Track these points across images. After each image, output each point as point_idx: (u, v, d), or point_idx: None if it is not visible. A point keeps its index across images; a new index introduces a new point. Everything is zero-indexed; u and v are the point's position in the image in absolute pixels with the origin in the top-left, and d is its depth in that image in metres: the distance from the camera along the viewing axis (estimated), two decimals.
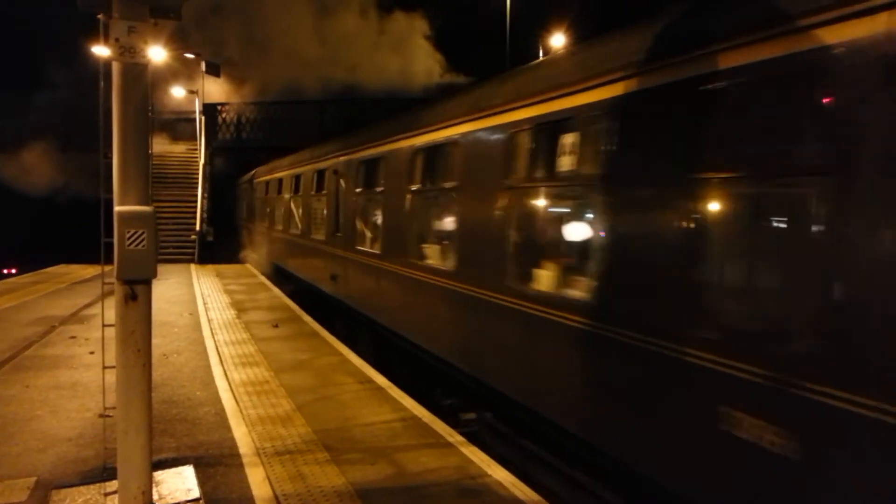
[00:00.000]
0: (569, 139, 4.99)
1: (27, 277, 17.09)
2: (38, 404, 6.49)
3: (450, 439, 5.71)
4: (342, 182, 10.80)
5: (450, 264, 6.79)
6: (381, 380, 7.56)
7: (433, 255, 7.53)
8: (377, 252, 9.02)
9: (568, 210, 5.55)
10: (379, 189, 9.07)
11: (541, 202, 5.74)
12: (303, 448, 5.47)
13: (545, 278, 5.35)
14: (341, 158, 11.00)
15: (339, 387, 7.28)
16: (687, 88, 3.77)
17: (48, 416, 6.17)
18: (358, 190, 10.06)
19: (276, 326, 10.73)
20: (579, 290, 4.75)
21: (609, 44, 4.83)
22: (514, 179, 5.62)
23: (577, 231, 5.18)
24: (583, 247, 4.91)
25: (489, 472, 5.02)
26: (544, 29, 25.78)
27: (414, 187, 7.80)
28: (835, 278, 2.98)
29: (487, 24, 29.33)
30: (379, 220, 9.14)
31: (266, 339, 9.70)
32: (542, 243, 5.69)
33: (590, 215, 4.80)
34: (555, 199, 5.61)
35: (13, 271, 22.78)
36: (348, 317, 10.61)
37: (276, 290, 15.19)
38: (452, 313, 6.76)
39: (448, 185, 7.00)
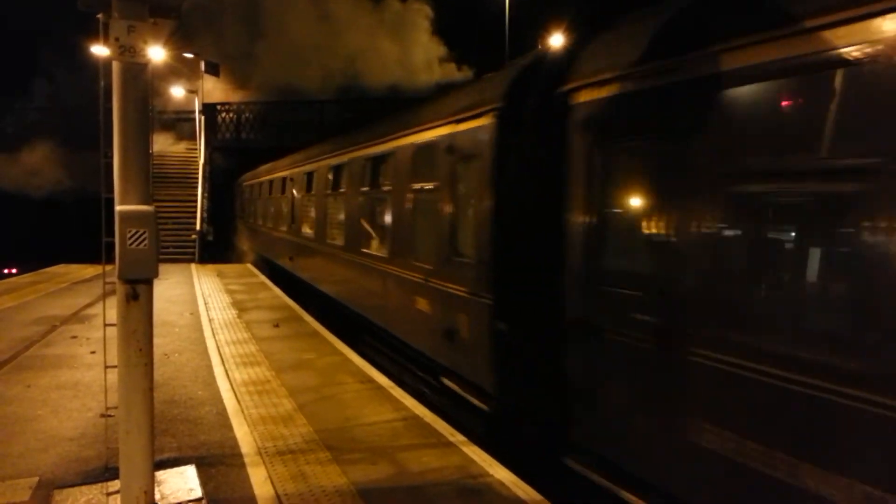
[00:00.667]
0: (380, 167, 9.14)
1: (27, 277, 17.07)
2: (39, 404, 6.49)
3: (451, 439, 5.71)
4: (295, 188, 15.18)
5: (341, 241, 10.82)
6: (382, 380, 7.56)
7: (337, 236, 11.32)
8: (312, 235, 13.27)
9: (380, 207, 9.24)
10: (312, 193, 13.36)
11: (374, 203, 9.52)
12: (304, 448, 5.47)
13: (372, 245, 9.41)
14: (295, 170, 15.27)
15: (340, 386, 7.29)
16: (409, 148, 7.81)
17: (50, 415, 6.17)
18: (302, 194, 14.41)
19: (277, 326, 10.73)
20: (381, 251, 8.86)
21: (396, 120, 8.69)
22: (363, 188, 9.70)
23: (382, 219, 8.96)
24: (383, 228, 8.92)
25: (491, 471, 5.02)
26: (544, 22, 25.76)
27: (327, 192, 11.96)
28: (447, 233, 6.61)
29: (488, 15, 29.28)
30: (312, 214, 13.35)
31: (267, 339, 9.70)
32: (370, 226, 9.61)
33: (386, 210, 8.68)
34: (376, 200, 9.42)
35: (13, 271, 22.76)
36: (300, 285, 14.55)
37: (277, 290, 15.18)
38: (343, 271, 10.87)
39: (342, 190, 11.03)
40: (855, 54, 2.94)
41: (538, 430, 5.26)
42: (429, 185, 7.14)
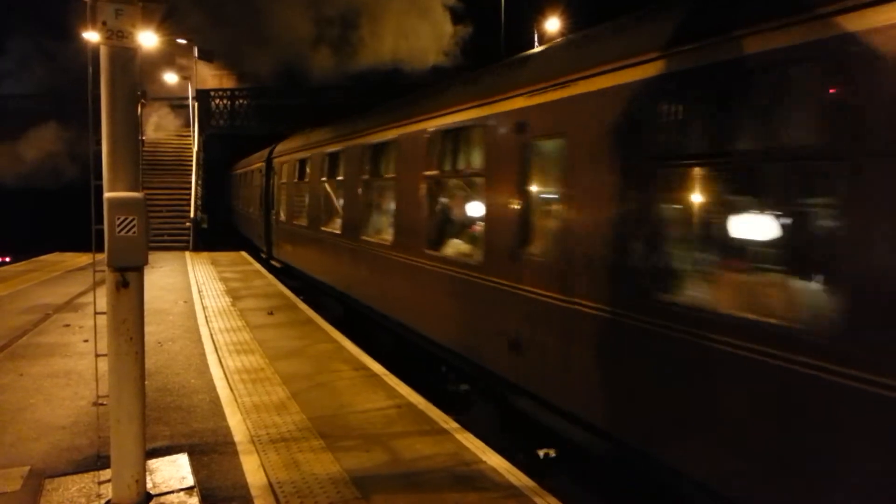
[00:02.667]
0: (247, 176, 23.61)
1: (21, 266, 17.00)
2: (31, 393, 6.47)
3: (444, 426, 5.72)
4: (243, 179, 24.45)
5: (247, 208, 23.03)
6: (376, 367, 7.56)
7: (246, 206, 23.27)
8: (241, 206, 25.25)
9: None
10: (238, 186, 26.17)
11: (250, 191, 22.46)
12: (297, 435, 5.47)
13: (251, 210, 22.90)
14: (244, 169, 24.25)
15: (334, 374, 7.28)
16: (257, 169, 20.81)
17: (42, 404, 6.15)
18: (236, 186, 26.94)
19: (271, 314, 10.71)
20: (252, 211, 21.78)
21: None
22: (248, 185, 22.98)
23: (251, 197, 22.43)
24: (250, 201, 22.54)
25: (484, 458, 5.02)
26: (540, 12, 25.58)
27: (242, 186, 24.95)
28: (261, 202, 19.33)
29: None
30: (240, 196, 25.51)
31: (261, 327, 9.69)
32: (250, 201, 22.71)
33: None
34: (250, 189, 22.49)
35: (7, 260, 22.65)
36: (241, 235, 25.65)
37: (272, 278, 15.16)
38: (244, 221, 24.46)
39: (247, 184, 23.27)
40: None
41: (271, 257, 17.55)
42: (258, 183, 19.25)
